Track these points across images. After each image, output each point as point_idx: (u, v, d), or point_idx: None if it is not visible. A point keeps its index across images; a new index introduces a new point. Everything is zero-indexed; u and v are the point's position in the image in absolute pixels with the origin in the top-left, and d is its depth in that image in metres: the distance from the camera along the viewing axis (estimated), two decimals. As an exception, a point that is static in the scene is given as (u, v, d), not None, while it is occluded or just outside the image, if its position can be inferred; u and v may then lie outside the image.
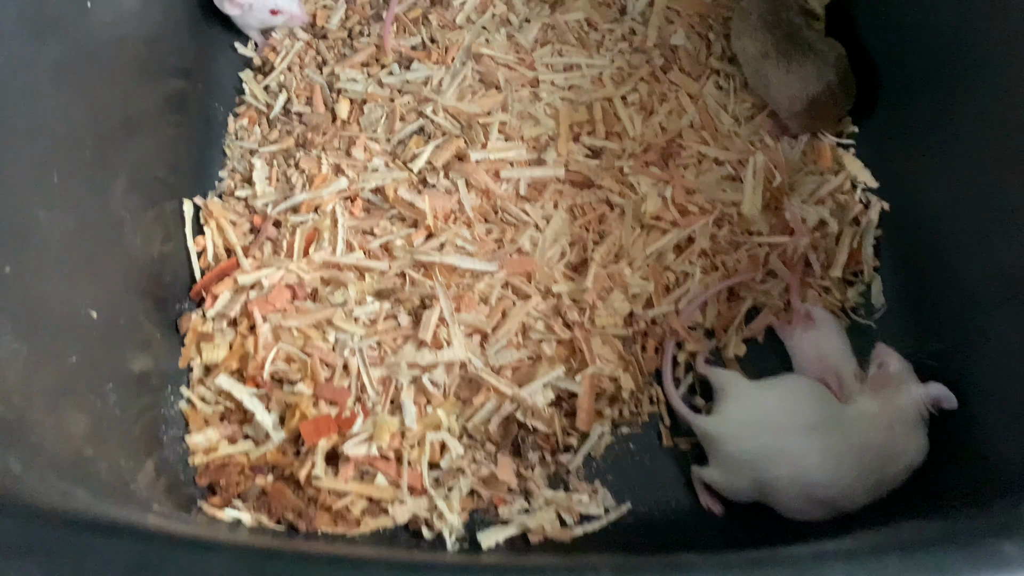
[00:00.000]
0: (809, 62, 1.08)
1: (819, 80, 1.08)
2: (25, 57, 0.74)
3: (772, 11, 1.13)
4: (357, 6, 1.24)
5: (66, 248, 0.77)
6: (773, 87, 1.11)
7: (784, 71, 1.09)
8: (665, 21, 1.23)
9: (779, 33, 1.11)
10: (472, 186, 1.08)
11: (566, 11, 1.23)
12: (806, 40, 1.11)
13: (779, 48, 1.09)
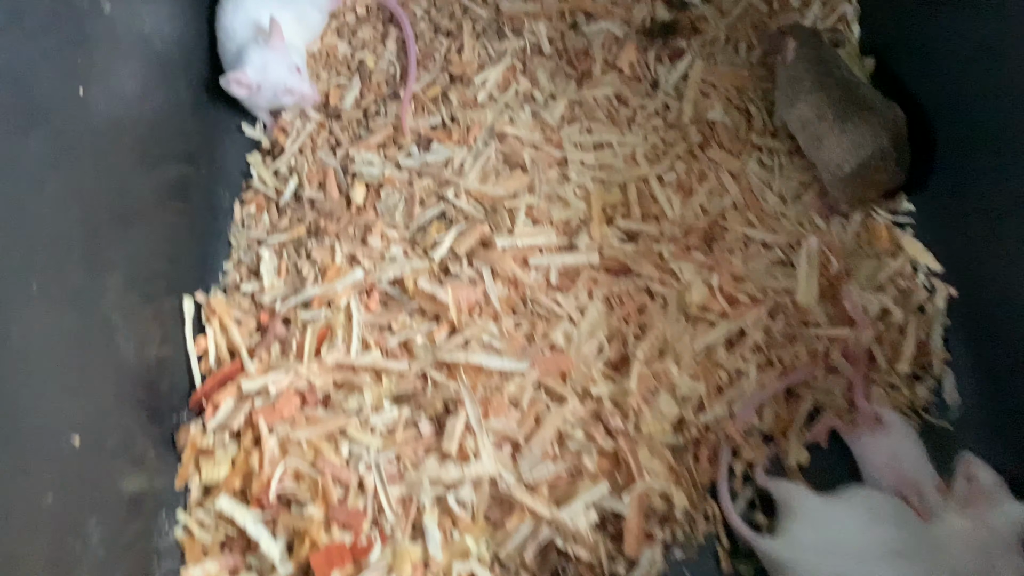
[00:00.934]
0: (865, 122, 1.00)
1: (873, 141, 0.99)
2: (7, 153, 0.66)
3: (826, 72, 1.05)
4: (373, 84, 1.17)
5: (46, 365, 0.68)
6: (825, 148, 1.02)
7: (839, 131, 1.01)
8: (700, 95, 1.15)
9: (836, 93, 1.02)
10: (498, 275, 0.98)
11: (594, 86, 1.16)
12: (865, 98, 1.02)
13: (836, 109, 1.01)
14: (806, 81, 1.05)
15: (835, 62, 1.07)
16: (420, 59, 1.19)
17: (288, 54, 1.08)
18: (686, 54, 1.18)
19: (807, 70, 1.06)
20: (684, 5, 1.24)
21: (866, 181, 1.02)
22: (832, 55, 1.09)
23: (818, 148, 1.04)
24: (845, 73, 1.06)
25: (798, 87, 1.06)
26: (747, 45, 1.21)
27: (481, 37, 1.22)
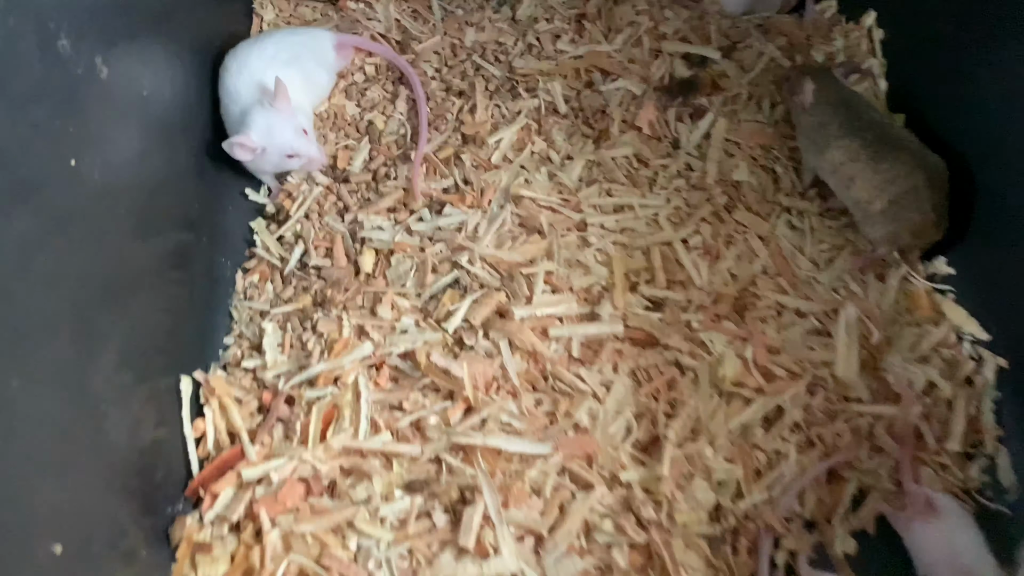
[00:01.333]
0: (899, 160, 0.96)
1: (907, 178, 0.95)
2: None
3: (854, 115, 1.01)
4: (382, 146, 1.13)
5: (24, 462, 0.61)
6: (857, 186, 0.98)
7: (872, 171, 0.97)
8: (724, 155, 1.10)
9: (869, 136, 0.98)
10: (516, 348, 0.92)
11: (612, 146, 1.11)
12: (899, 138, 0.98)
13: (870, 151, 0.97)
14: (833, 126, 1.01)
15: (860, 103, 1.04)
16: (431, 120, 1.15)
17: (294, 116, 1.03)
18: (708, 112, 1.14)
19: (833, 114, 1.02)
20: (703, 62, 1.20)
21: (899, 220, 0.96)
22: (855, 96, 1.05)
23: (849, 188, 0.99)
24: (875, 115, 1.02)
25: (826, 132, 1.01)
26: (770, 102, 1.17)
27: (494, 97, 1.17)
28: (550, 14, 1.27)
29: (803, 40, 1.23)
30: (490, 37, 1.24)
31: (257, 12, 1.25)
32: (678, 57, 1.20)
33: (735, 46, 1.22)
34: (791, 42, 1.22)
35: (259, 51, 1.08)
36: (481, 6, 1.29)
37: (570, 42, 1.23)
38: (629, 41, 1.22)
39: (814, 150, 1.04)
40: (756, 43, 1.22)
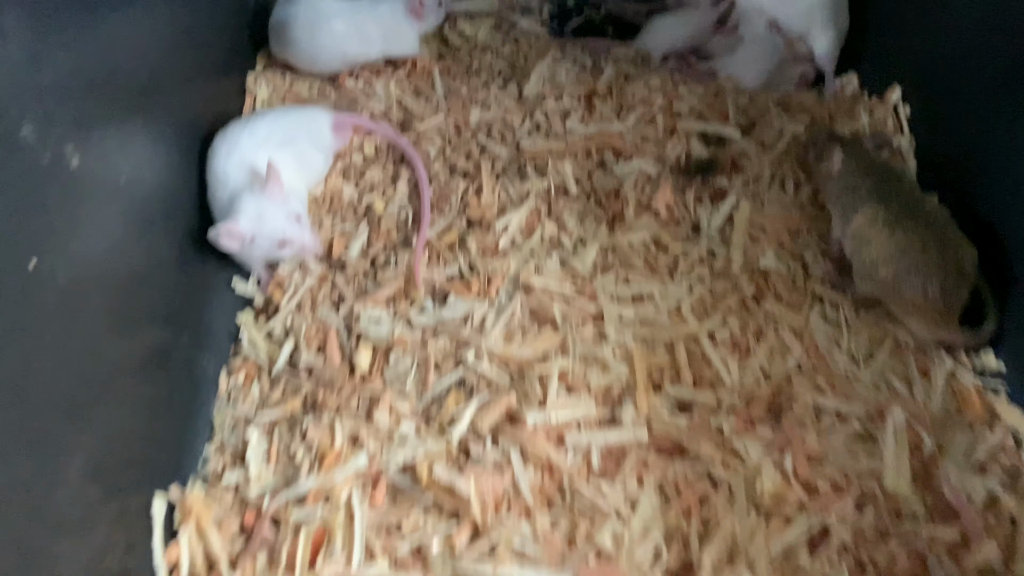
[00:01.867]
0: (916, 233, 0.91)
1: (919, 253, 0.90)
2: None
3: (883, 182, 0.97)
4: (382, 231, 1.05)
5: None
6: (871, 248, 0.93)
7: (888, 235, 0.92)
8: (749, 240, 1.03)
9: (894, 204, 0.94)
10: (529, 458, 0.83)
11: (628, 230, 1.04)
12: (925, 212, 0.93)
13: (889, 215, 0.93)
14: (862, 190, 0.97)
15: (890, 172, 0.99)
16: (434, 202, 1.08)
17: (287, 201, 0.96)
18: (729, 194, 1.07)
19: (863, 179, 0.98)
20: (721, 141, 1.13)
21: (900, 296, 0.91)
22: (885, 165, 1.00)
23: (861, 249, 0.95)
24: (904, 185, 0.97)
25: (855, 196, 0.97)
26: (794, 182, 1.10)
27: (501, 178, 1.10)
28: (558, 91, 1.21)
29: (826, 117, 1.17)
30: (496, 115, 1.18)
31: (250, 90, 1.19)
32: (694, 136, 1.14)
33: (754, 124, 1.16)
34: (813, 119, 1.16)
35: (250, 132, 1.01)
36: (486, 83, 1.24)
37: (580, 121, 1.17)
38: (642, 119, 1.16)
39: (842, 216, 0.99)
40: (776, 120, 1.15)
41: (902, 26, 1.19)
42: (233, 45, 1.19)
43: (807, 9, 1.24)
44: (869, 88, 1.23)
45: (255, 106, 1.18)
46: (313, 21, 1.17)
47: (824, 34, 1.23)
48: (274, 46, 1.22)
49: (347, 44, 1.20)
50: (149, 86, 0.91)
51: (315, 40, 1.18)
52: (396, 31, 1.22)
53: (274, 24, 1.19)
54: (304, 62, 1.21)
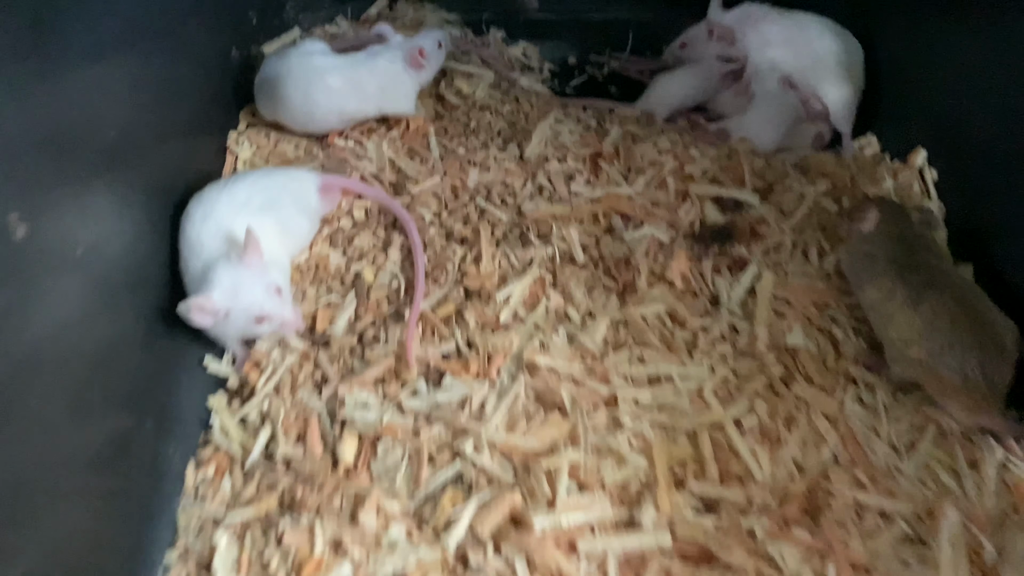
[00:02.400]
0: (944, 307, 0.84)
1: (950, 330, 0.82)
2: None
3: (906, 254, 0.89)
4: (371, 303, 0.96)
5: None
6: (896, 324, 0.87)
7: (912, 311, 0.85)
8: (774, 315, 0.94)
9: (914, 278, 0.87)
10: (537, 568, 0.72)
11: (641, 303, 0.95)
12: (953, 285, 0.86)
13: (908, 291, 0.87)
14: (880, 260, 0.90)
15: (920, 244, 0.91)
16: (429, 271, 0.99)
17: (266, 272, 0.87)
18: (750, 264, 0.98)
19: (884, 247, 0.91)
20: (738, 205, 1.05)
21: (937, 378, 0.83)
22: (918, 237, 0.93)
23: (887, 327, 0.88)
24: (932, 259, 0.89)
25: (870, 266, 0.91)
26: (818, 251, 1.02)
27: (502, 244, 1.02)
28: (562, 153, 1.13)
29: (847, 181, 1.10)
30: (496, 178, 1.10)
31: (231, 149, 1.11)
32: (708, 200, 1.06)
33: (772, 188, 1.08)
34: (834, 183, 1.09)
35: (229, 195, 0.92)
36: (485, 144, 1.16)
37: (586, 183, 1.09)
38: (652, 182, 1.09)
39: (855, 282, 0.93)
40: (796, 184, 1.08)
41: (922, 85, 1.13)
42: (214, 101, 1.11)
43: (815, 63, 1.18)
44: (891, 151, 1.16)
45: (236, 167, 1.09)
46: (307, 77, 1.09)
47: (837, 90, 1.17)
48: (262, 105, 1.14)
49: (344, 100, 1.12)
50: (117, 145, 0.83)
51: (310, 97, 1.10)
52: (394, 85, 1.15)
53: (264, 81, 1.12)
54: (297, 121, 1.13)
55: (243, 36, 1.19)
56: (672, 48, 1.31)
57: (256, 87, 1.14)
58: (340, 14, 1.37)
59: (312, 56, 1.11)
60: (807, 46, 1.19)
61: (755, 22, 1.21)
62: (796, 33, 1.20)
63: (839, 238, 1.03)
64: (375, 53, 1.15)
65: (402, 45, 1.17)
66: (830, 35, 1.18)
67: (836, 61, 1.19)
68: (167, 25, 0.96)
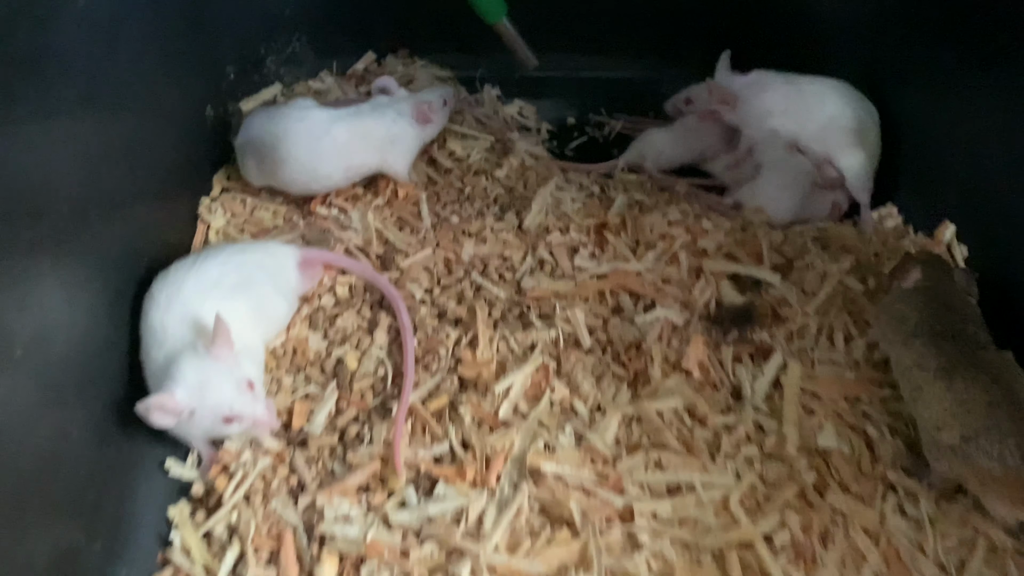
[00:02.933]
0: (980, 385, 0.76)
1: (988, 412, 0.74)
2: None
3: (944, 318, 0.83)
4: (354, 394, 0.86)
5: None
6: (925, 401, 0.79)
7: (944, 387, 0.77)
8: (803, 411, 0.85)
9: (949, 346, 0.80)
10: None
11: (655, 395, 0.86)
12: (991, 363, 0.78)
13: (942, 360, 0.79)
14: (911, 320, 0.84)
15: (962, 310, 0.84)
16: (419, 356, 0.89)
17: (237, 365, 0.77)
18: (774, 352, 0.90)
19: (922, 308, 0.84)
20: (756, 284, 0.97)
21: (973, 466, 0.74)
22: (963, 303, 0.86)
23: (916, 400, 0.80)
24: (972, 329, 0.82)
25: (903, 326, 0.84)
26: (844, 335, 0.93)
27: (500, 326, 0.93)
28: (564, 223, 1.05)
29: (871, 256, 1.02)
30: (493, 250, 1.01)
31: (203, 218, 1.01)
32: (725, 278, 0.98)
33: (792, 264, 1.00)
34: (858, 259, 1.01)
35: (197, 275, 0.83)
36: (481, 212, 1.07)
37: (590, 257, 1.01)
38: (663, 258, 1.00)
39: (883, 340, 0.88)
40: (817, 260, 1.00)
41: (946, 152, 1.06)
42: (185, 165, 1.01)
43: (821, 128, 1.11)
44: (914, 222, 1.09)
45: (207, 237, 1.00)
46: (311, 132, 1.01)
47: (851, 157, 1.10)
48: (250, 167, 1.04)
49: (351, 153, 1.04)
50: (70, 219, 0.73)
51: (316, 152, 1.01)
52: (400, 139, 1.07)
53: (252, 142, 1.02)
54: (298, 182, 1.04)
55: (219, 93, 1.11)
56: (676, 100, 1.23)
57: (240, 149, 1.04)
58: (325, 69, 1.29)
59: (310, 110, 1.03)
60: (813, 113, 1.11)
61: (759, 91, 1.13)
62: (800, 100, 1.12)
63: (866, 321, 0.95)
64: (380, 105, 1.08)
65: (408, 99, 1.10)
66: (840, 100, 1.11)
67: (847, 127, 1.12)
68: (132, 82, 0.87)
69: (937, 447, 0.77)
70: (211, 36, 1.07)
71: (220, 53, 1.11)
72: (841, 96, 1.11)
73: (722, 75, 1.18)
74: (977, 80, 1.01)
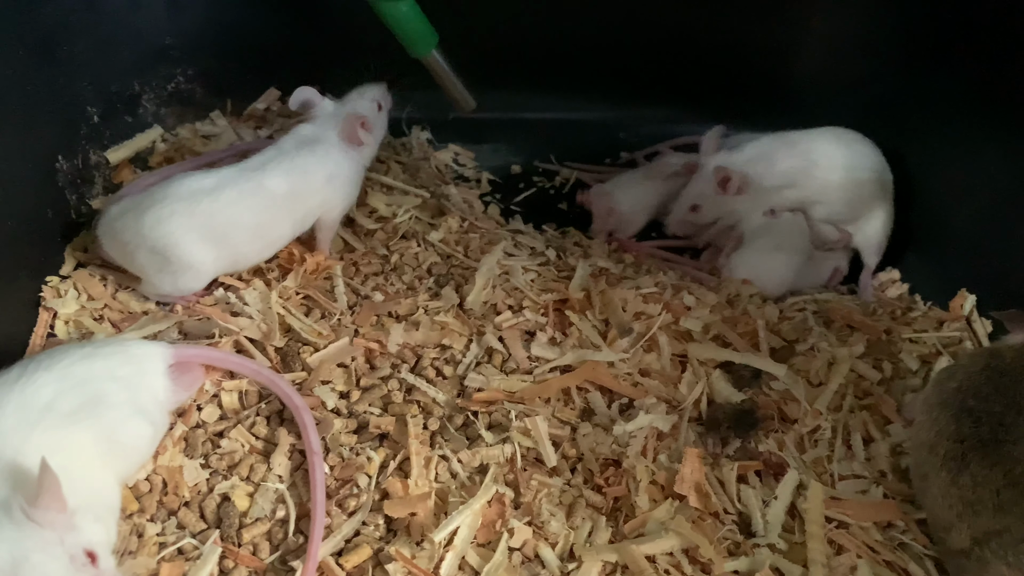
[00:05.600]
0: (989, 482, 0.64)
1: (995, 516, 0.62)
2: None
3: (980, 394, 0.67)
4: (243, 546, 0.64)
5: None
6: (931, 493, 0.67)
7: (949, 479, 0.66)
8: (831, 548, 0.67)
9: (969, 427, 0.66)
10: None
11: (642, 534, 0.66)
12: (1015, 458, 0.64)
13: (952, 445, 0.66)
14: (950, 384, 0.70)
15: (1002, 387, 0.68)
16: (333, 490, 0.67)
17: (72, 529, 0.54)
18: (787, 468, 0.71)
19: (967, 374, 0.70)
20: (756, 376, 0.79)
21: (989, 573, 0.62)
22: (1007, 377, 0.69)
23: (924, 493, 0.69)
24: (1011, 415, 0.66)
25: (939, 388, 0.71)
26: (863, 437, 0.76)
27: (438, 442, 0.72)
28: (515, 299, 0.85)
29: (881, 335, 0.85)
30: (428, 338, 0.80)
31: (47, 304, 0.78)
32: (716, 368, 0.80)
33: (793, 348, 0.83)
34: (869, 340, 0.84)
35: (22, 396, 0.60)
36: (412, 286, 0.87)
37: (550, 344, 0.81)
38: (639, 343, 0.81)
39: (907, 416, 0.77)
40: (823, 343, 0.83)
41: (958, 211, 0.91)
42: (25, 235, 0.78)
43: (839, 188, 0.96)
44: (920, 292, 0.94)
45: (52, 329, 0.76)
46: (235, 202, 0.80)
47: (873, 212, 0.97)
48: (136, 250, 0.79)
49: (294, 205, 0.84)
50: None
51: (253, 222, 0.81)
52: (338, 172, 0.86)
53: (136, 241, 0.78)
54: (240, 262, 0.84)
55: (76, 139, 0.88)
56: (679, 213, 1.01)
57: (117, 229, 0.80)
58: (217, 108, 1.06)
59: (206, 178, 0.80)
60: (829, 173, 0.96)
61: (768, 166, 0.96)
62: (811, 163, 0.96)
63: (886, 418, 0.78)
64: (302, 135, 0.86)
65: (335, 115, 0.88)
66: (849, 151, 0.96)
67: (866, 180, 0.96)
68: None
69: (952, 558, 0.66)
70: (63, 70, 0.84)
71: (77, 91, 0.88)
72: (848, 146, 0.96)
73: (708, 158, 0.99)
74: (988, 132, 0.87)
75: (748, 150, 0.97)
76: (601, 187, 1.05)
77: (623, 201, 1.02)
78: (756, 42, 1.08)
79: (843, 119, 0.99)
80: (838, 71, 1.07)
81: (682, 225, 1.01)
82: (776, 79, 1.09)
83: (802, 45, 1.09)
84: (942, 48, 0.95)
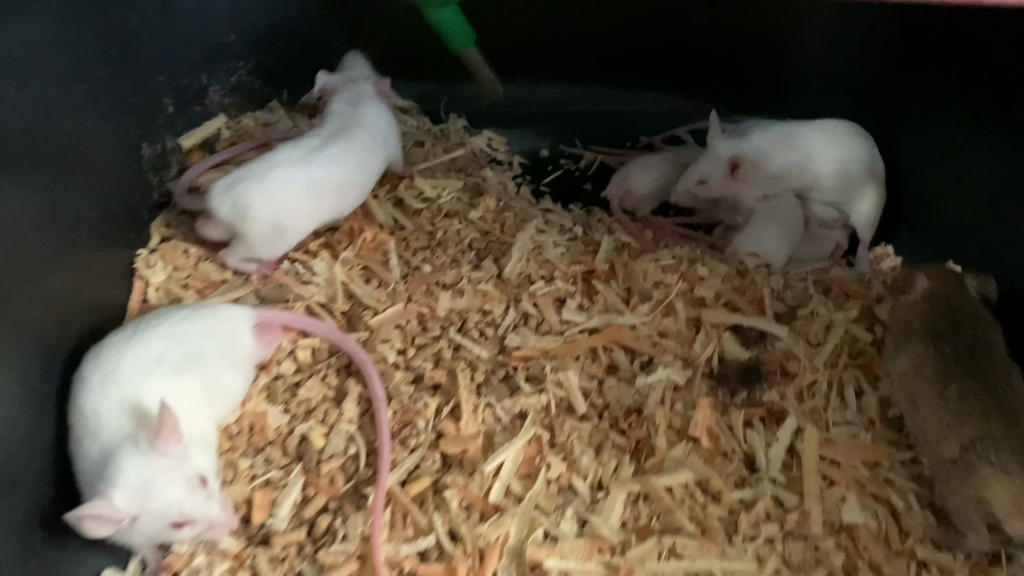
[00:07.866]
0: (974, 395, 0.74)
1: (980, 421, 0.72)
2: None
3: (949, 322, 0.80)
4: (322, 478, 0.75)
5: None
6: (921, 413, 0.77)
7: (936, 392, 0.76)
8: (823, 482, 0.78)
9: (949, 350, 0.77)
10: None
11: (661, 468, 0.77)
12: (992, 375, 0.75)
13: (939, 365, 0.77)
14: (916, 325, 0.81)
15: (973, 317, 0.81)
16: (396, 431, 0.79)
17: (187, 459, 0.66)
18: (787, 414, 0.82)
19: (928, 314, 0.82)
20: (762, 337, 0.90)
21: (977, 486, 0.70)
22: (975, 310, 0.82)
23: (913, 414, 0.79)
24: (980, 333, 0.79)
25: (906, 331, 0.82)
26: (855, 390, 0.87)
27: (484, 391, 0.83)
28: (547, 271, 0.96)
29: (874, 302, 0.95)
30: (471, 304, 0.91)
31: (140, 274, 0.89)
32: (726, 330, 0.90)
33: (795, 313, 0.93)
34: (863, 307, 0.94)
35: (136, 352, 0.71)
36: (455, 259, 0.97)
37: (579, 309, 0.92)
38: (658, 309, 0.92)
39: (888, 355, 0.85)
40: (821, 309, 0.93)
41: (949, 190, 1.01)
42: (117, 213, 0.89)
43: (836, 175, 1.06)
44: (912, 264, 1.03)
45: (146, 297, 0.87)
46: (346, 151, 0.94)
47: (865, 195, 1.06)
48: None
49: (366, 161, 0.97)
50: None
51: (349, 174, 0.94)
52: (390, 127, 1.02)
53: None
54: (326, 217, 0.94)
55: (156, 128, 0.99)
56: (687, 186, 1.07)
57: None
58: (275, 98, 1.17)
59: (303, 145, 0.92)
60: (827, 162, 1.05)
61: (771, 156, 1.04)
62: (812, 152, 1.04)
63: (876, 375, 0.88)
64: (348, 101, 1.00)
65: (356, 80, 1.03)
66: (847, 139, 1.05)
67: (859, 167, 1.06)
68: (50, 125, 0.75)
69: (943, 471, 0.73)
70: (145, 67, 0.95)
71: (156, 85, 0.98)
72: (846, 135, 1.06)
73: (718, 141, 1.05)
74: (977, 116, 0.96)
75: (754, 138, 1.06)
76: (618, 172, 1.15)
77: (636, 185, 1.12)
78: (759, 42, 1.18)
79: (842, 110, 1.09)
80: (838, 65, 1.16)
81: (686, 196, 1.08)
82: (779, 72, 1.19)
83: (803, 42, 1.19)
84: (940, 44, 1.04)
